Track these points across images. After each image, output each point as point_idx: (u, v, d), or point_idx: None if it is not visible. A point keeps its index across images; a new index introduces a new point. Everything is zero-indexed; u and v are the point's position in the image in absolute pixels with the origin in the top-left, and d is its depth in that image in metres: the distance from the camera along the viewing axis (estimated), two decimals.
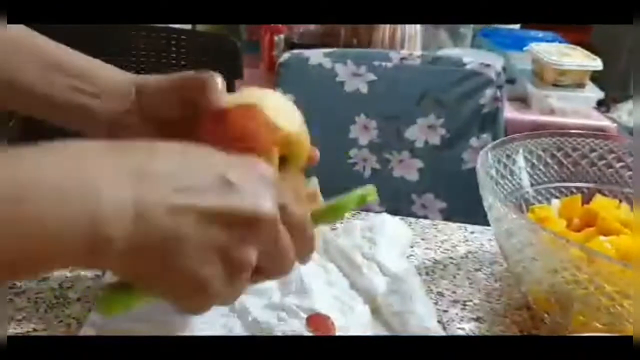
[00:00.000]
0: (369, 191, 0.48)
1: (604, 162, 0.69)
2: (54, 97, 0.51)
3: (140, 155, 0.36)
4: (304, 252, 0.43)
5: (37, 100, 0.51)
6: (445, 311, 0.59)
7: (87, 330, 0.51)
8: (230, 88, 0.50)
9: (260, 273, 0.40)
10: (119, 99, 0.52)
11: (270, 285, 0.56)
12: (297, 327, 0.52)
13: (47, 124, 0.53)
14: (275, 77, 1.16)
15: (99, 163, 0.34)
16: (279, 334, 0.51)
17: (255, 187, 0.38)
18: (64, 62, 0.52)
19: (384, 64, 1.16)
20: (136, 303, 0.40)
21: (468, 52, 1.74)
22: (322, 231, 0.64)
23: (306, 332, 0.51)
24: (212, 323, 0.52)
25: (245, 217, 0.37)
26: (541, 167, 0.69)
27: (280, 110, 0.50)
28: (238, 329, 0.52)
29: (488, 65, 1.15)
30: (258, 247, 0.38)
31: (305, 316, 0.53)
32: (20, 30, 0.53)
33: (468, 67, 1.15)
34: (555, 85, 1.63)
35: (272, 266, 0.40)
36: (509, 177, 0.66)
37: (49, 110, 0.52)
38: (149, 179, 0.35)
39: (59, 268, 0.49)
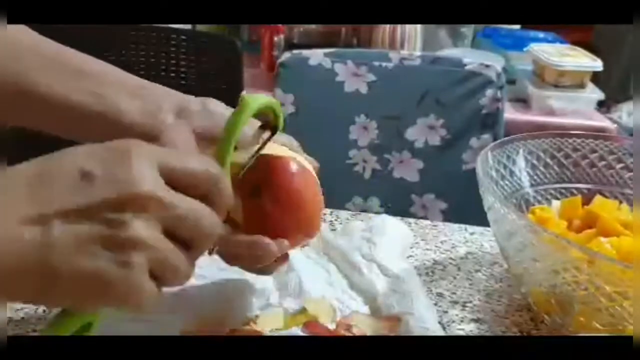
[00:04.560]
0: (250, 99, 0.45)
1: (604, 163, 0.69)
2: (80, 105, 0.49)
3: None
4: (221, 199, 0.40)
5: (55, 108, 0.49)
6: (445, 312, 0.59)
7: None
8: (232, 88, 0.49)
9: (188, 244, 0.38)
10: (155, 119, 0.49)
11: (268, 286, 0.56)
12: (293, 330, 0.51)
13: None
14: (275, 77, 1.16)
15: None
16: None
17: (116, 169, 0.36)
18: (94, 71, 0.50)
19: (384, 64, 1.16)
20: (81, 323, 0.39)
21: (468, 52, 1.73)
22: (322, 232, 0.64)
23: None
24: None
25: (113, 202, 0.35)
26: (541, 167, 0.69)
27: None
28: None
29: (488, 66, 1.16)
30: (153, 221, 0.36)
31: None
32: (35, 38, 0.51)
33: (468, 67, 1.15)
34: (556, 85, 1.63)
35: (192, 232, 0.38)
36: (509, 177, 0.66)
37: (67, 121, 0.49)
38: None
39: None
